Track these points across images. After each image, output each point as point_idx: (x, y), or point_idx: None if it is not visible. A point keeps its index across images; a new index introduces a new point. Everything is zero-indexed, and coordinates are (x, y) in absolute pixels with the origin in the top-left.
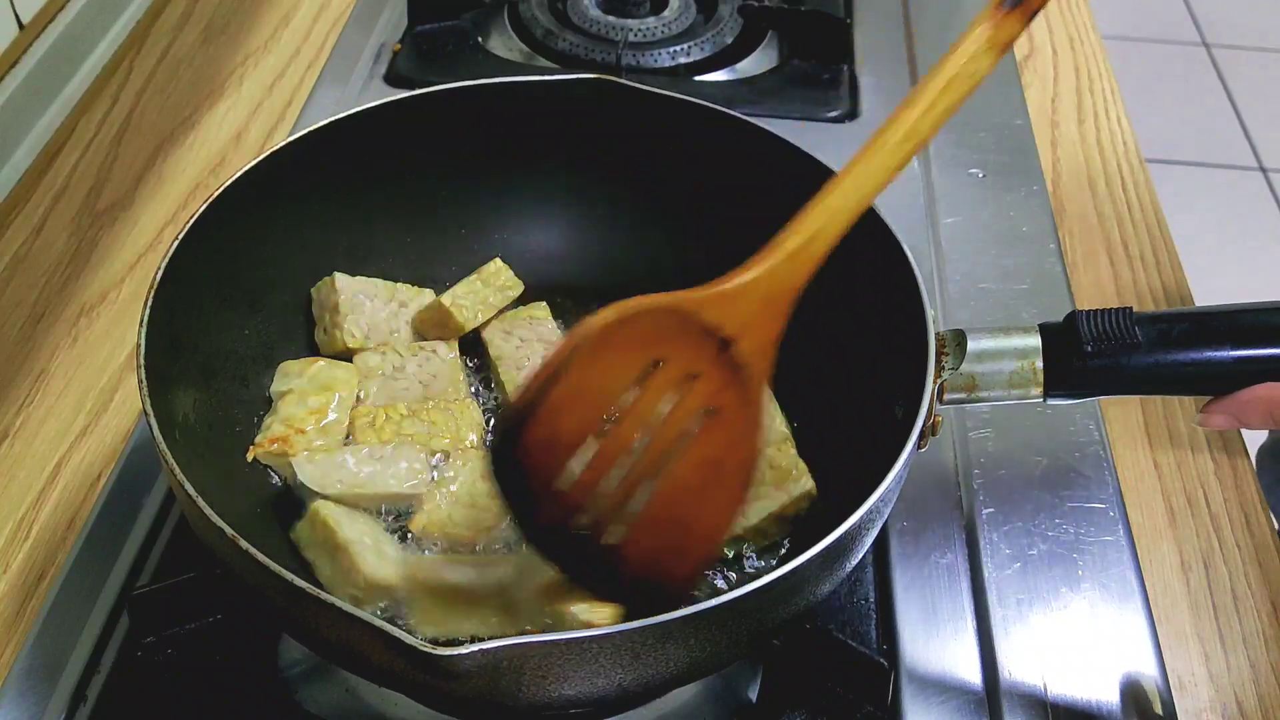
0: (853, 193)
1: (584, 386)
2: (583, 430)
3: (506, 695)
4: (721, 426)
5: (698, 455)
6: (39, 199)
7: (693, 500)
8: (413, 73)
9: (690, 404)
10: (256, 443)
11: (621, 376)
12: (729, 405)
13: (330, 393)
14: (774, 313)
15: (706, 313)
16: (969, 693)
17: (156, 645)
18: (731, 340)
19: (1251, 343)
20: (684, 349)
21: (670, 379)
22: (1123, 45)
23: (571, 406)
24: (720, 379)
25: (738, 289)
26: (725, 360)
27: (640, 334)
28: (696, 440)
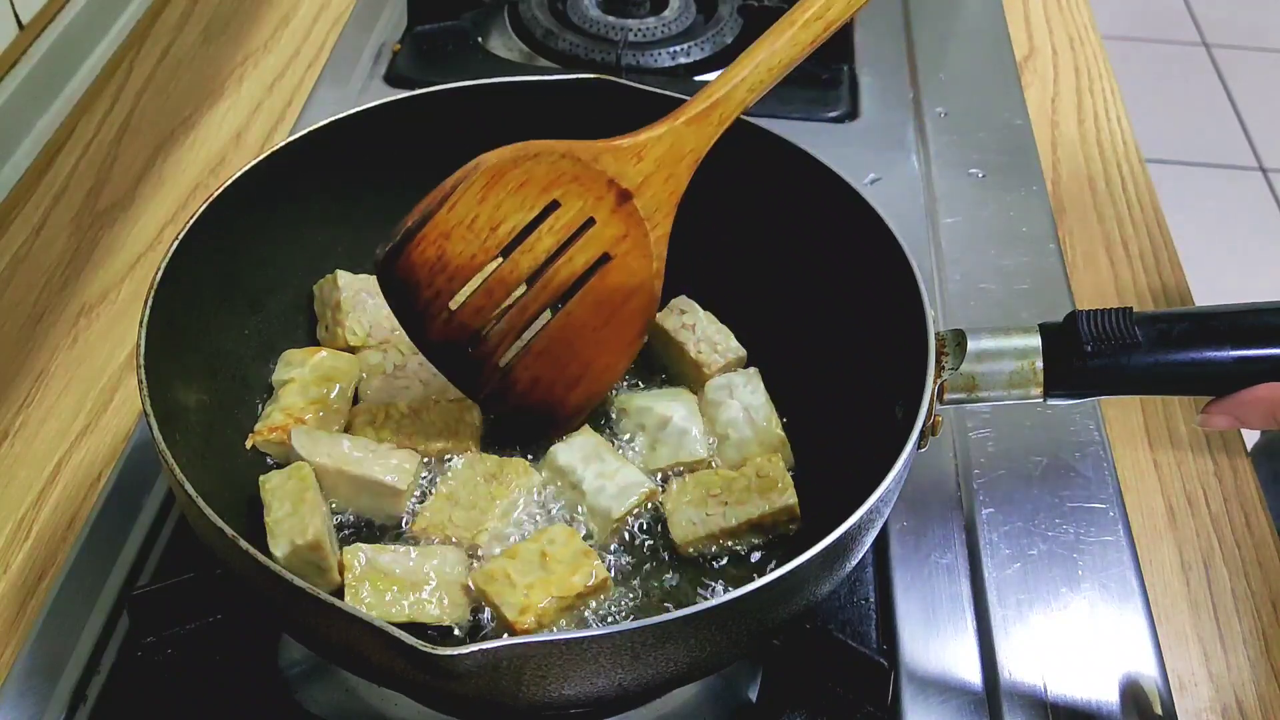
0: (762, 65)
1: (476, 215)
2: (475, 258)
3: (506, 695)
4: (617, 273)
5: (592, 296)
6: (39, 199)
7: (587, 337)
8: (413, 73)
9: (586, 245)
10: (256, 430)
11: (516, 211)
12: (627, 255)
13: (331, 383)
14: (674, 173)
15: (605, 161)
16: (969, 693)
17: (156, 645)
18: (630, 193)
19: (1251, 343)
20: (582, 194)
21: (567, 221)
22: (1123, 45)
23: (462, 233)
24: (619, 228)
25: (638, 144)
26: (624, 212)
27: (538, 174)
28: (592, 283)
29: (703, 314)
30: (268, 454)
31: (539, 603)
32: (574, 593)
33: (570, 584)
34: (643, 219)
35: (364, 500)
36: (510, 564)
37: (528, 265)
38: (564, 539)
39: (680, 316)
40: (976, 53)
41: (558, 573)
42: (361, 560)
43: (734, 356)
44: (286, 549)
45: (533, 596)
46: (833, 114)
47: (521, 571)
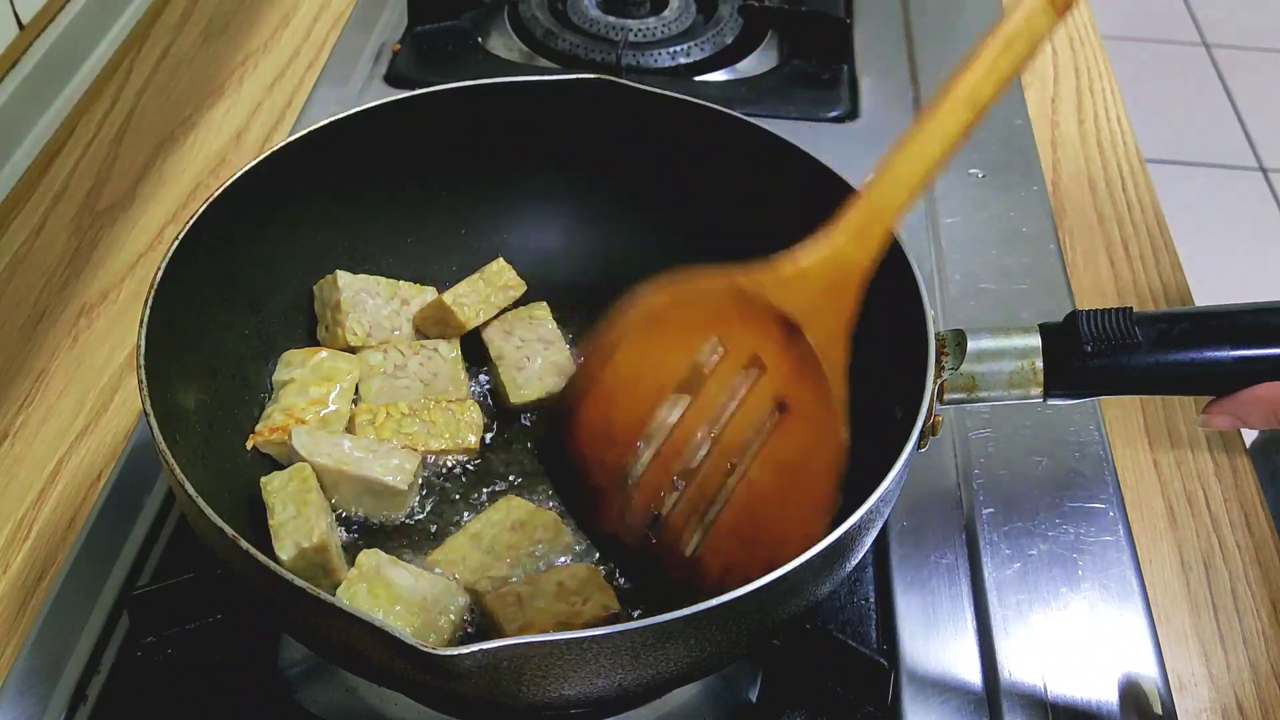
0: (917, 161)
1: (641, 372)
2: (640, 421)
3: (507, 695)
4: (797, 424)
5: (773, 457)
6: (39, 199)
7: (774, 508)
8: (413, 73)
9: (759, 395)
10: (256, 431)
11: (679, 362)
12: (803, 401)
13: (332, 383)
14: (844, 297)
15: (771, 295)
16: (969, 693)
17: (156, 645)
18: (800, 327)
19: (1251, 343)
20: (747, 334)
21: (736, 368)
22: (1123, 45)
23: (626, 393)
24: (790, 370)
25: (804, 270)
26: (794, 350)
27: (699, 315)
28: (771, 440)
29: None
30: (268, 454)
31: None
32: (580, 621)
33: (579, 612)
34: (816, 355)
35: (365, 500)
36: (524, 589)
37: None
38: (584, 574)
39: None
40: None
41: (568, 600)
42: (372, 564)
43: None
44: (292, 552)
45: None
46: (833, 114)
47: (533, 596)
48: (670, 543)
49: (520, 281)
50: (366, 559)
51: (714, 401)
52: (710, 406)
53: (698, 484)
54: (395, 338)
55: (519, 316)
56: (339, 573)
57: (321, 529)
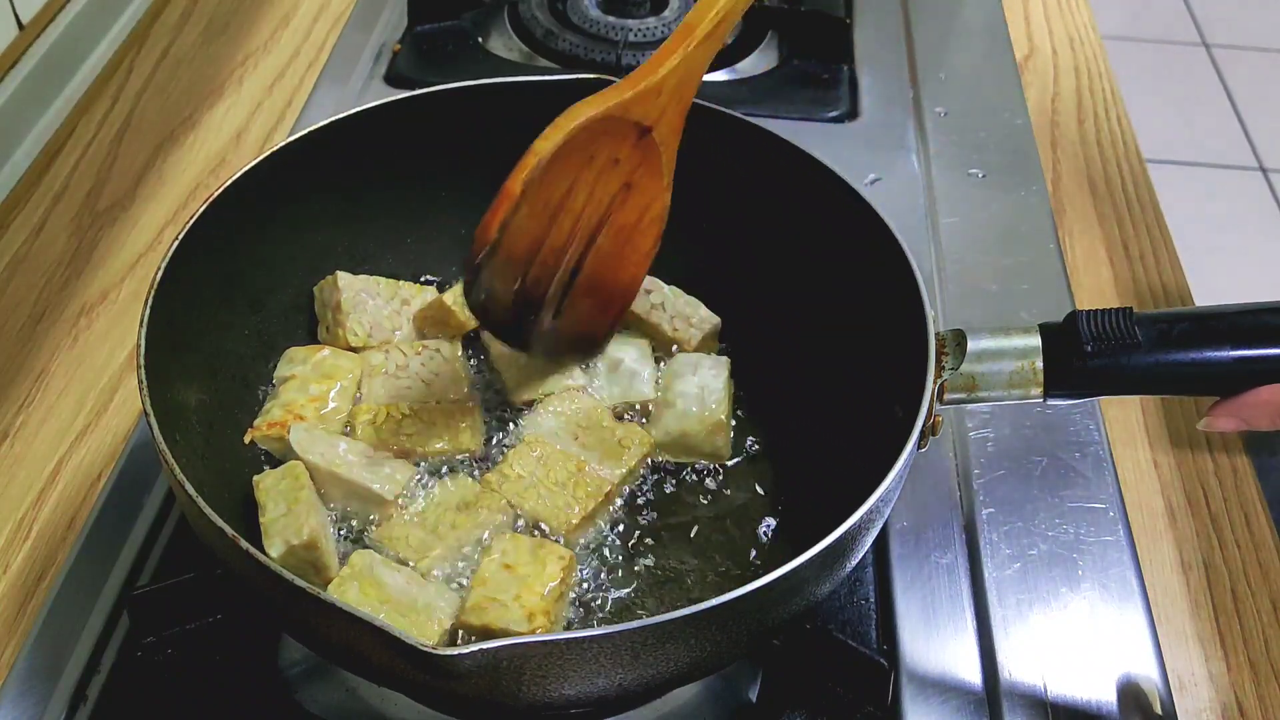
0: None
1: (536, 207)
2: (535, 242)
3: (507, 695)
4: (636, 197)
5: (616, 225)
6: (39, 199)
7: (613, 263)
8: (413, 73)
9: (611, 187)
10: (255, 425)
11: (564, 185)
12: (642, 178)
13: (332, 381)
14: (684, 96)
15: (633, 111)
16: (969, 693)
17: (156, 645)
18: (650, 128)
19: (1251, 343)
20: (611, 144)
21: (597, 171)
22: (1123, 45)
23: (526, 226)
24: (636, 159)
25: (660, 81)
26: (643, 144)
27: (578, 142)
28: (615, 213)
29: (668, 290)
30: (266, 449)
31: (533, 603)
32: (557, 579)
33: (547, 575)
34: (658, 144)
35: (353, 503)
36: (485, 589)
37: (569, 224)
38: (513, 546)
39: (648, 297)
40: (976, 53)
41: (531, 573)
42: (364, 563)
43: (709, 327)
44: (281, 549)
45: (526, 601)
46: (833, 114)
47: (500, 588)
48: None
49: None
50: (359, 559)
51: (580, 202)
52: (577, 207)
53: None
54: (396, 338)
55: None
56: (330, 570)
57: (312, 526)
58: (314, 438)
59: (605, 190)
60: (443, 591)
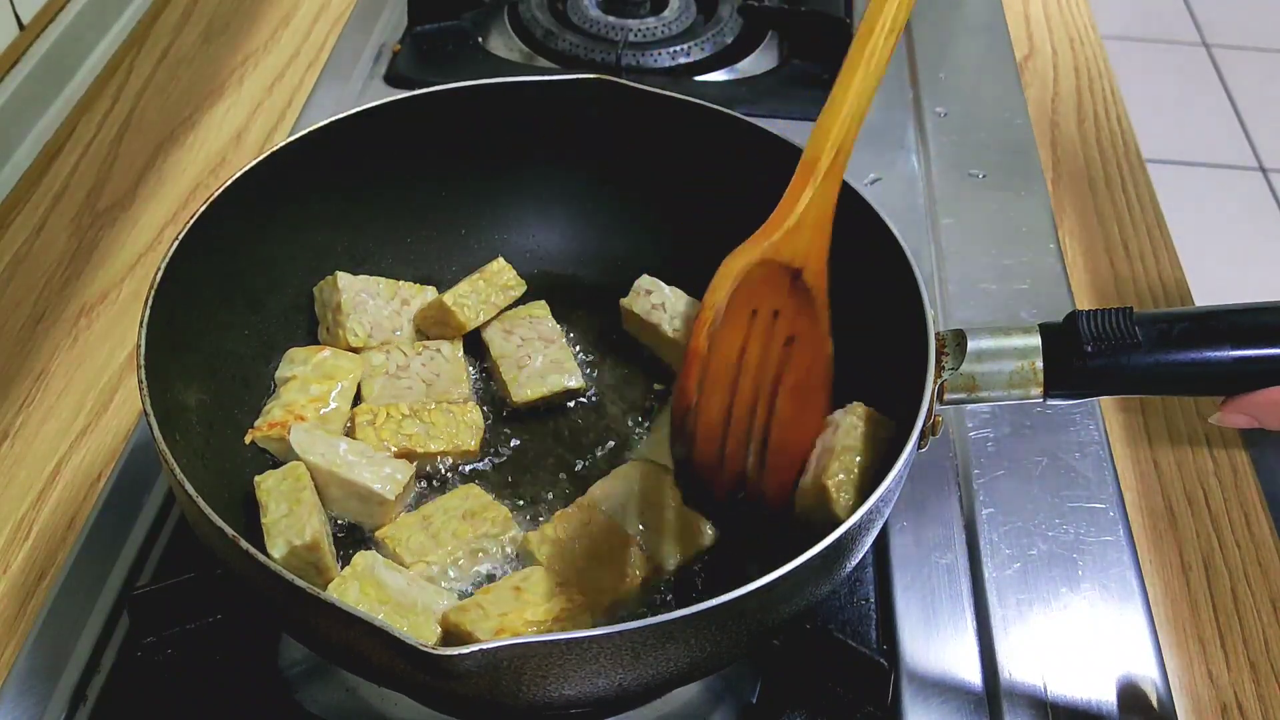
0: (859, 98)
1: (719, 365)
2: (724, 403)
3: (507, 695)
4: (801, 350)
5: (790, 384)
6: (39, 199)
7: (793, 426)
8: (413, 73)
9: (779, 341)
10: (255, 426)
11: (738, 340)
12: (804, 329)
13: (333, 381)
14: (824, 232)
15: (784, 250)
16: (969, 693)
17: (156, 645)
18: (800, 270)
19: (1251, 343)
20: (769, 293)
21: (764, 327)
22: (1123, 45)
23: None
24: (794, 308)
25: (799, 220)
26: (797, 289)
27: (744, 296)
28: (787, 373)
29: (668, 290)
30: (267, 450)
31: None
32: (550, 617)
33: (545, 610)
34: (810, 287)
35: (353, 504)
36: (484, 598)
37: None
38: (538, 577)
39: (648, 298)
40: (976, 53)
41: (532, 602)
42: (366, 564)
43: None
44: (284, 550)
45: (506, 621)
46: None
47: (494, 603)
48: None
49: (520, 281)
50: (361, 559)
51: (756, 360)
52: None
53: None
54: (397, 338)
55: (518, 315)
56: (331, 571)
57: (314, 527)
58: (314, 438)
59: (775, 346)
60: (443, 593)
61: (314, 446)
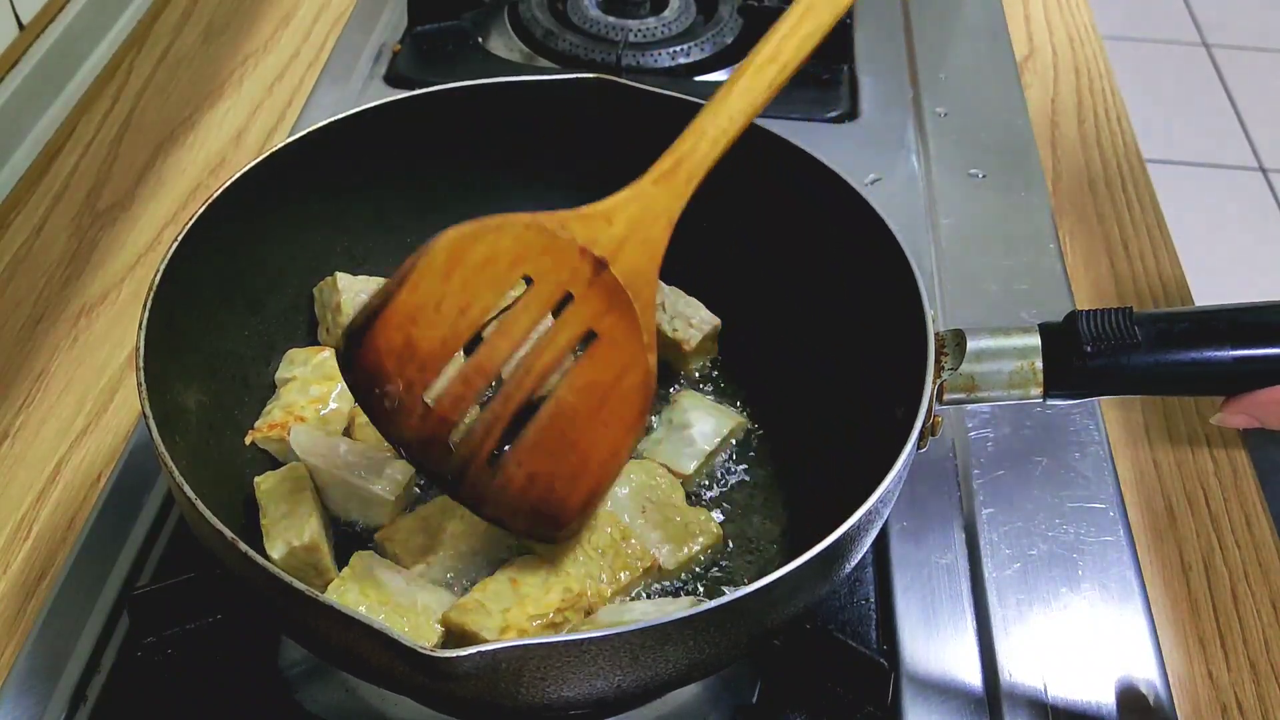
0: (722, 116)
1: (442, 296)
2: (445, 343)
3: (505, 696)
4: (605, 351)
5: (583, 380)
6: (39, 199)
7: (581, 425)
8: (413, 73)
9: (568, 323)
10: (256, 427)
11: (485, 291)
12: (612, 329)
13: (333, 382)
14: (650, 236)
15: (573, 229)
16: (969, 693)
17: (156, 645)
18: (606, 261)
19: (1252, 342)
20: (554, 267)
21: (542, 297)
22: (1123, 45)
23: (429, 316)
24: (600, 302)
25: (606, 209)
26: (602, 282)
27: (503, 246)
28: (580, 364)
29: (668, 290)
30: (268, 450)
31: (518, 623)
32: (552, 609)
33: (546, 602)
34: (624, 288)
35: (354, 505)
36: (482, 594)
37: (506, 348)
38: (531, 565)
39: None
40: (976, 53)
41: (531, 596)
42: (365, 565)
43: (709, 327)
44: (283, 550)
45: (510, 618)
46: (833, 114)
47: (494, 599)
48: (473, 449)
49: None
50: (360, 560)
51: (520, 327)
52: (516, 331)
53: (501, 399)
54: None
55: None
56: (330, 572)
57: (313, 528)
58: (314, 439)
59: (562, 330)
60: (442, 594)
61: (314, 447)
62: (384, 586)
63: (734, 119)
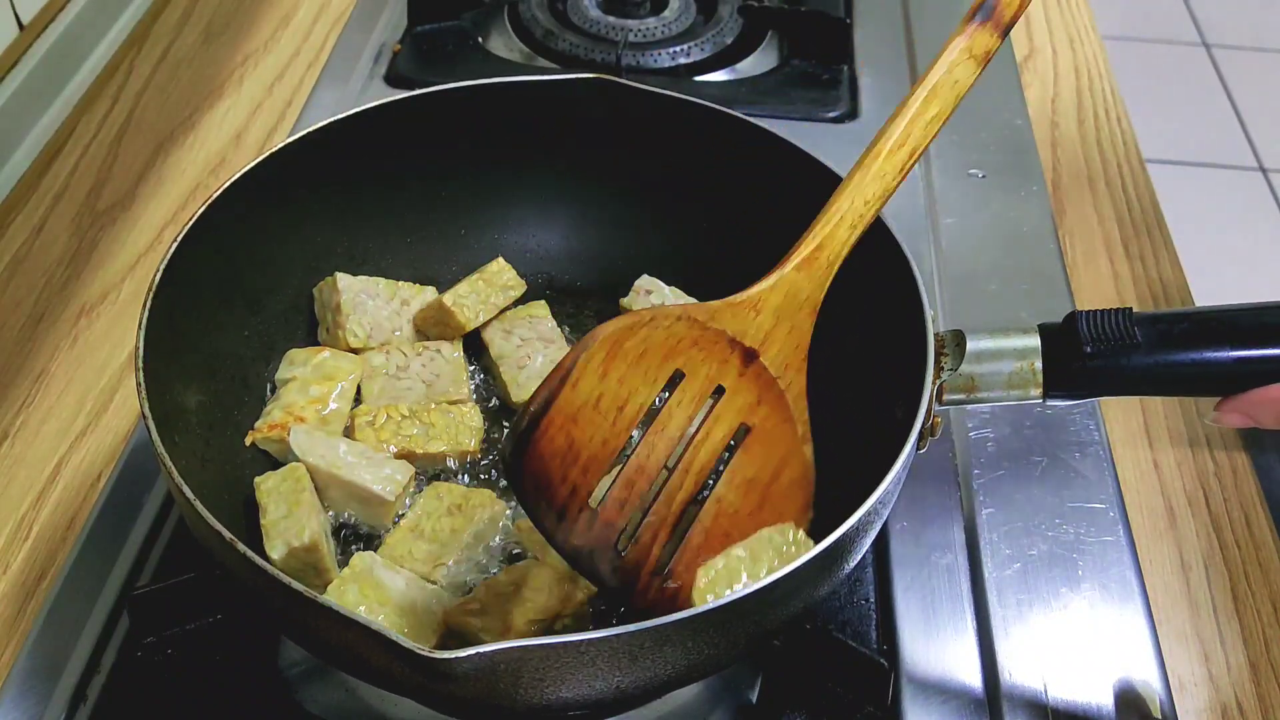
0: (859, 200)
1: (601, 394)
2: (606, 443)
3: (504, 698)
4: (761, 444)
5: (741, 475)
6: (39, 199)
7: (744, 523)
8: (413, 73)
9: (722, 417)
10: (256, 428)
11: (642, 385)
12: (766, 421)
13: (333, 382)
14: (795, 323)
15: (722, 319)
16: (969, 693)
17: (156, 645)
18: (756, 351)
19: (1251, 343)
20: (705, 359)
21: (695, 391)
22: (1123, 45)
23: (589, 415)
24: (751, 394)
25: (752, 297)
26: (752, 373)
27: (656, 340)
28: (738, 460)
29: (668, 290)
30: (267, 451)
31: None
32: (552, 615)
33: (544, 606)
34: (774, 378)
35: (354, 505)
36: (483, 596)
37: (664, 448)
38: (535, 571)
39: (648, 297)
40: None
41: (531, 598)
42: (364, 565)
43: None
44: (283, 551)
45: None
46: (833, 114)
47: (494, 601)
48: (640, 556)
49: (520, 281)
50: (360, 560)
51: (676, 423)
52: (673, 428)
53: (664, 501)
54: (396, 339)
55: (518, 316)
56: (330, 572)
57: (313, 528)
58: (314, 440)
59: (717, 425)
60: (442, 595)
61: (314, 448)
62: (384, 587)
63: (869, 203)
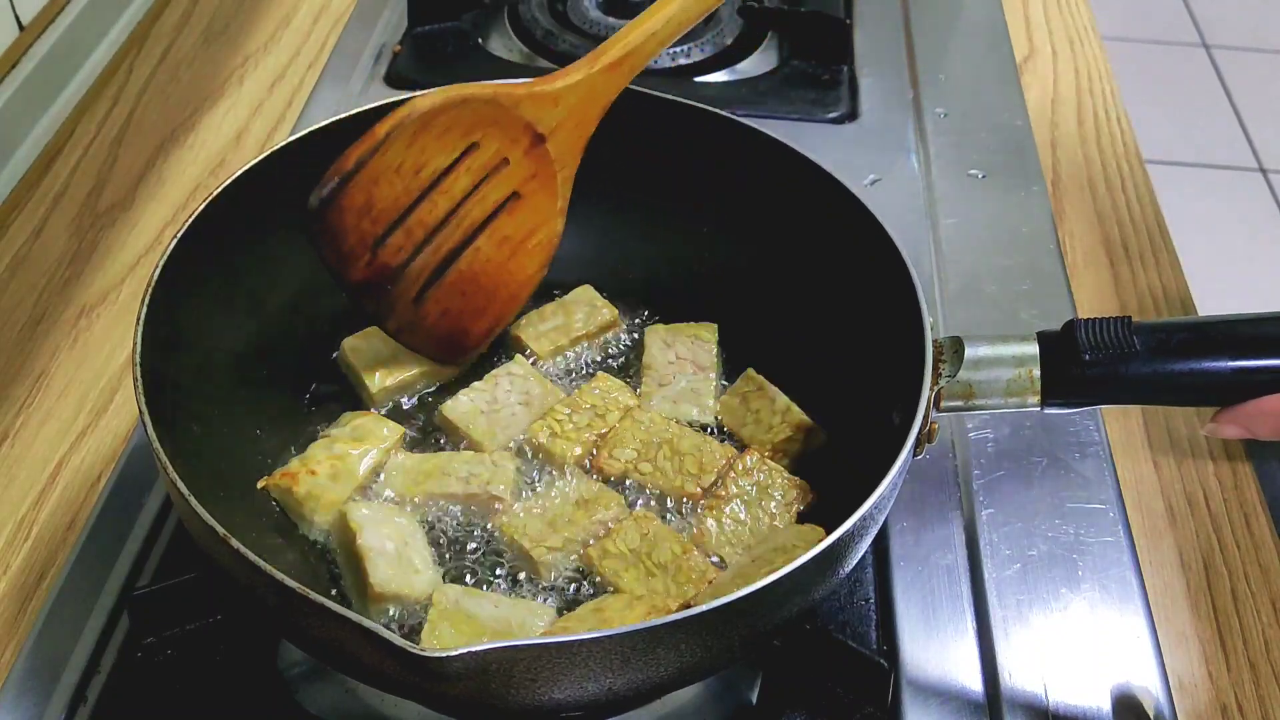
0: (672, 21)
1: (404, 160)
2: (398, 200)
3: (496, 697)
4: (524, 210)
5: (500, 232)
6: (39, 200)
7: (492, 271)
8: (413, 73)
9: (499, 184)
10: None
11: (439, 154)
12: (534, 193)
13: (361, 445)
14: (585, 118)
15: (525, 107)
16: (969, 693)
17: (156, 646)
18: (545, 137)
19: (1250, 353)
20: (500, 137)
21: (483, 162)
22: (1123, 45)
23: (390, 177)
24: (529, 169)
25: (557, 91)
26: (536, 154)
27: (463, 118)
28: (501, 219)
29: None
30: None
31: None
32: None
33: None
34: (553, 160)
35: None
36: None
37: (445, 205)
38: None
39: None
40: (976, 53)
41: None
42: (450, 599)
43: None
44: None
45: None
46: (832, 115)
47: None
48: (404, 290)
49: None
50: (441, 595)
51: (460, 186)
52: (456, 190)
53: (432, 249)
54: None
55: (685, 331)
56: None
57: (373, 582)
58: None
59: (492, 190)
60: (535, 607)
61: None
62: (475, 616)
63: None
